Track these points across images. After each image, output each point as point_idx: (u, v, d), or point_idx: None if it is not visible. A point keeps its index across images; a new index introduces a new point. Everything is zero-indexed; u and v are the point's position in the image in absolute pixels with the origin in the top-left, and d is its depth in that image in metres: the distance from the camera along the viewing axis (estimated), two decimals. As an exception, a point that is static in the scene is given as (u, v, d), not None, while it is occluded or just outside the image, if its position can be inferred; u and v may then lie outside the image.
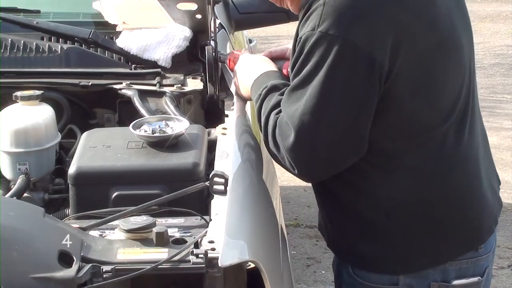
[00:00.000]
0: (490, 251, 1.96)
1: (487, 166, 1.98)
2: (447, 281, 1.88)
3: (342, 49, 1.69)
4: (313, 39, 1.71)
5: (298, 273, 3.99)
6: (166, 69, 2.46)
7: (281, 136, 1.78)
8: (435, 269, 1.88)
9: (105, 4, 2.71)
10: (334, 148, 1.76)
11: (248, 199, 1.83)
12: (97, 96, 2.40)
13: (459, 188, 1.88)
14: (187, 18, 2.53)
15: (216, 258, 1.46)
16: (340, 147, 1.77)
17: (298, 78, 1.75)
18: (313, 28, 1.71)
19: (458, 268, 1.89)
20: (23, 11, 2.73)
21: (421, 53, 1.77)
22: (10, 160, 2.00)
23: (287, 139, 1.76)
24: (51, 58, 2.45)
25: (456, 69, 1.86)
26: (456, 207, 1.88)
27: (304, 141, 1.75)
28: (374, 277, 1.91)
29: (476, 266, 1.92)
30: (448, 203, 1.86)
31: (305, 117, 1.73)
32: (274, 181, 2.43)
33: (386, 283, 1.89)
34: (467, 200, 1.89)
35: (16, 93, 2.09)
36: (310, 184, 2.00)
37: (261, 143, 2.37)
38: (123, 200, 1.73)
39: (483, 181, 1.93)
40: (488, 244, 1.95)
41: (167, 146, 1.85)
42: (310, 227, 4.52)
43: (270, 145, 1.84)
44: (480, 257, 1.92)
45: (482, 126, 2.01)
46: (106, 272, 1.45)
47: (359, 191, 1.87)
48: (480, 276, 1.92)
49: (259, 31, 3.28)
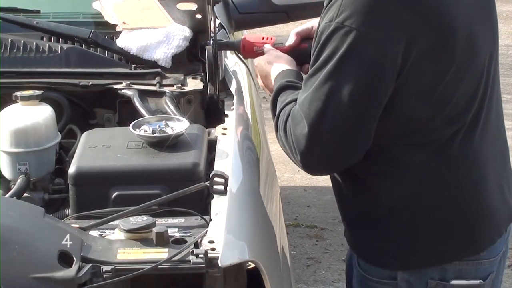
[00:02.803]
0: (495, 257, 1.92)
1: (500, 174, 1.94)
2: (446, 280, 1.88)
3: (356, 40, 1.69)
4: (329, 30, 1.72)
5: (298, 273, 3.98)
6: (166, 69, 2.46)
7: (292, 121, 1.79)
8: (434, 267, 1.88)
9: (105, 4, 2.70)
10: (339, 137, 1.75)
11: (248, 199, 1.83)
12: (97, 96, 2.40)
13: (461, 192, 1.86)
14: (187, 18, 2.53)
15: (216, 258, 1.46)
16: (345, 137, 1.76)
17: (313, 68, 1.77)
18: (331, 20, 1.73)
19: (458, 269, 1.88)
20: (23, 11, 2.72)
21: (432, 54, 1.75)
22: (10, 160, 2.01)
23: (296, 126, 1.77)
24: (51, 58, 2.45)
25: (470, 76, 1.82)
26: (457, 211, 1.86)
27: (312, 129, 1.74)
28: (375, 270, 1.92)
29: (478, 269, 1.90)
30: (449, 206, 1.86)
31: (314, 104, 1.73)
32: (274, 181, 2.43)
33: (385, 278, 1.90)
34: (469, 205, 1.88)
35: (16, 93, 2.09)
36: (310, 184, 2.00)
37: (261, 143, 2.37)
38: (123, 200, 1.73)
39: (490, 189, 1.90)
40: (493, 249, 1.91)
41: (167, 146, 1.85)
42: (310, 227, 4.52)
43: (280, 132, 1.83)
44: (482, 260, 1.90)
45: (500, 133, 1.96)
46: (106, 272, 1.45)
47: (364, 185, 1.88)
48: (482, 280, 1.90)
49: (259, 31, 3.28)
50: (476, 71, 1.84)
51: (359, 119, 1.75)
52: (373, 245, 1.91)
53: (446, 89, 1.79)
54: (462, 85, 1.81)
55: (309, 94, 1.75)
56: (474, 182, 1.88)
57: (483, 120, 1.86)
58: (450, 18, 1.77)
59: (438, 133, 1.82)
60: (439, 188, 1.85)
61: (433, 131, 1.81)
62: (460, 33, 1.78)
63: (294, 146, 1.78)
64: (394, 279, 1.89)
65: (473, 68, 1.83)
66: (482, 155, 1.88)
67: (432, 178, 1.84)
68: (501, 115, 1.97)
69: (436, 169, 1.83)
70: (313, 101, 1.74)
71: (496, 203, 1.92)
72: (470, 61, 1.82)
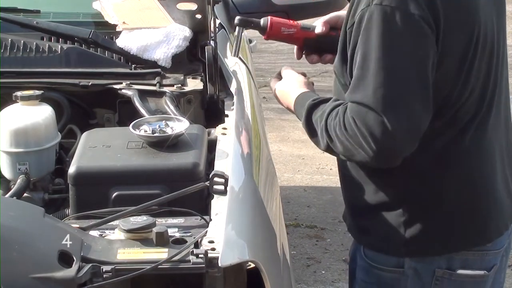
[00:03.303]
0: (499, 249, 1.96)
1: (504, 167, 1.97)
2: (452, 269, 1.91)
3: (400, 17, 1.72)
4: (369, 13, 1.74)
5: (298, 273, 3.98)
6: (166, 69, 2.46)
7: (357, 117, 1.75)
8: (441, 256, 1.90)
9: (105, 4, 2.71)
10: (414, 111, 1.75)
11: (248, 199, 1.83)
12: (97, 96, 2.40)
13: (473, 183, 1.89)
14: (187, 18, 2.53)
15: (216, 258, 1.46)
16: (418, 109, 1.75)
17: (361, 56, 1.76)
18: (368, 4, 1.75)
19: (465, 258, 1.91)
20: (23, 11, 2.72)
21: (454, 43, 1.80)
22: (10, 160, 2.00)
23: (365, 118, 1.74)
24: (51, 58, 2.45)
25: (486, 65, 1.86)
26: (468, 201, 1.89)
27: (389, 114, 1.72)
28: (382, 258, 1.95)
29: (483, 260, 1.93)
30: (461, 196, 1.88)
31: (379, 90, 1.73)
32: (274, 181, 2.43)
33: (393, 266, 1.93)
34: (479, 196, 1.91)
35: (16, 93, 2.09)
36: (310, 184, 2.01)
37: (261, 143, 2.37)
38: (123, 200, 1.73)
39: (498, 181, 1.94)
40: (499, 242, 1.95)
41: (167, 146, 1.85)
42: (310, 227, 4.52)
43: (338, 135, 1.80)
44: (488, 251, 1.93)
45: (507, 127, 1.99)
46: (106, 272, 1.45)
47: (378, 174, 1.89)
48: (487, 270, 1.93)
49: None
50: (490, 58, 1.87)
51: (423, 86, 1.75)
52: (383, 232, 1.93)
53: (470, 67, 1.82)
54: (480, 68, 1.84)
55: (369, 83, 1.74)
56: (485, 174, 1.91)
57: (494, 112, 1.90)
58: (475, 11, 1.83)
59: (459, 119, 1.84)
60: (452, 178, 1.87)
61: (455, 114, 1.84)
62: (480, 29, 1.83)
63: (368, 137, 1.74)
64: (402, 267, 1.92)
65: (487, 53, 1.86)
66: (493, 147, 1.92)
67: (447, 168, 1.86)
68: (509, 111, 2.00)
69: (449, 158, 1.85)
70: (378, 88, 1.73)
71: (503, 197, 1.95)
72: (484, 45, 1.85)
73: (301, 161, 5.38)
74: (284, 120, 5.98)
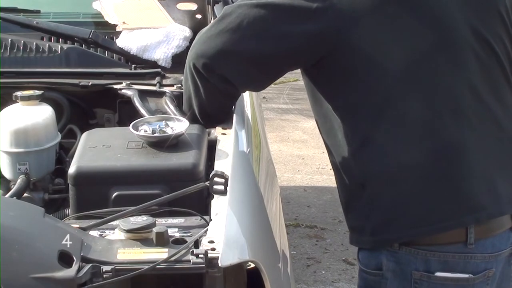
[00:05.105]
0: (490, 253, 1.87)
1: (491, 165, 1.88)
2: (430, 271, 1.86)
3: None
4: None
5: (298, 273, 3.99)
6: (166, 69, 2.46)
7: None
8: (416, 257, 1.86)
9: (105, 4, 2.71)
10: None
11: (248, 199, 1.83)
12: (97, 96, 2.40)
13: (428, 161, 1.83)
14: (187, 18, 2.53)
15: (216, 258, 1.46)
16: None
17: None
18: None
19: (443, 260, 1.85)
20: (23, 11, 2.73)
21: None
22: (10, 160, 2.01)
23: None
24: (51, 58, 2.45)
25: (452, 67, 1.85)
26: (424, 182, 1.84)
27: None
28: (365, 260, 1.95)
29: (467, 263, 1.85)
30: (413, 177, 1.84)
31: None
32: (274, 181, 2.43)
33: (373, 268, 1.93)
34: (435, 180, 1.84)
35: (16, 93, 2.09)
36: (310, 184, 2.02)
37: (261, 143, 2.37)
38: (123, 200, 1.73)
39: (474, 172, 1.85)
40: (487, 245, 1.87)
41: (167, 146, 1.85)
42: (310, 227, 4.53)
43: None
44: (472, 254, 1.85)
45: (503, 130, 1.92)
46: (106, 272, 1.45)
47: (338, 162, 1.94)
48: (472, 274, 1.86)
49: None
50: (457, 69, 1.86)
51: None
52: (356, 225, 1.96)
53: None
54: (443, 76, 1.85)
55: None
56: (446, 154, 1.84)
57: (474, 111, 1.85)
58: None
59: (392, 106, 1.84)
60: (404, 157, 1.84)
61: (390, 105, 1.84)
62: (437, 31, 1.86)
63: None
64: (380, 269, 1.91)
65: (453, 66, 1.86)
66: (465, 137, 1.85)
67: (403, 153, 1.84)
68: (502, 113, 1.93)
69: (399, 139, 1.84)
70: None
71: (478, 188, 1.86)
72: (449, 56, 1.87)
73: (301, 161, 5.38)
74: (284, 120, 5.99)
